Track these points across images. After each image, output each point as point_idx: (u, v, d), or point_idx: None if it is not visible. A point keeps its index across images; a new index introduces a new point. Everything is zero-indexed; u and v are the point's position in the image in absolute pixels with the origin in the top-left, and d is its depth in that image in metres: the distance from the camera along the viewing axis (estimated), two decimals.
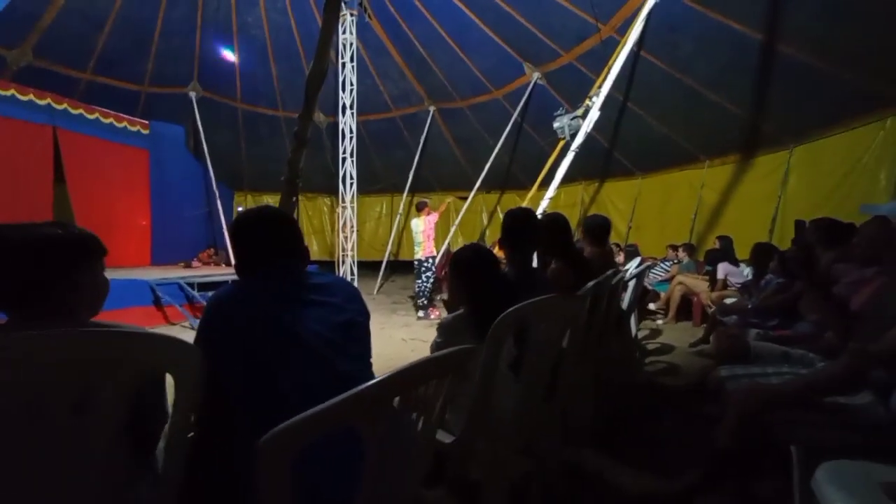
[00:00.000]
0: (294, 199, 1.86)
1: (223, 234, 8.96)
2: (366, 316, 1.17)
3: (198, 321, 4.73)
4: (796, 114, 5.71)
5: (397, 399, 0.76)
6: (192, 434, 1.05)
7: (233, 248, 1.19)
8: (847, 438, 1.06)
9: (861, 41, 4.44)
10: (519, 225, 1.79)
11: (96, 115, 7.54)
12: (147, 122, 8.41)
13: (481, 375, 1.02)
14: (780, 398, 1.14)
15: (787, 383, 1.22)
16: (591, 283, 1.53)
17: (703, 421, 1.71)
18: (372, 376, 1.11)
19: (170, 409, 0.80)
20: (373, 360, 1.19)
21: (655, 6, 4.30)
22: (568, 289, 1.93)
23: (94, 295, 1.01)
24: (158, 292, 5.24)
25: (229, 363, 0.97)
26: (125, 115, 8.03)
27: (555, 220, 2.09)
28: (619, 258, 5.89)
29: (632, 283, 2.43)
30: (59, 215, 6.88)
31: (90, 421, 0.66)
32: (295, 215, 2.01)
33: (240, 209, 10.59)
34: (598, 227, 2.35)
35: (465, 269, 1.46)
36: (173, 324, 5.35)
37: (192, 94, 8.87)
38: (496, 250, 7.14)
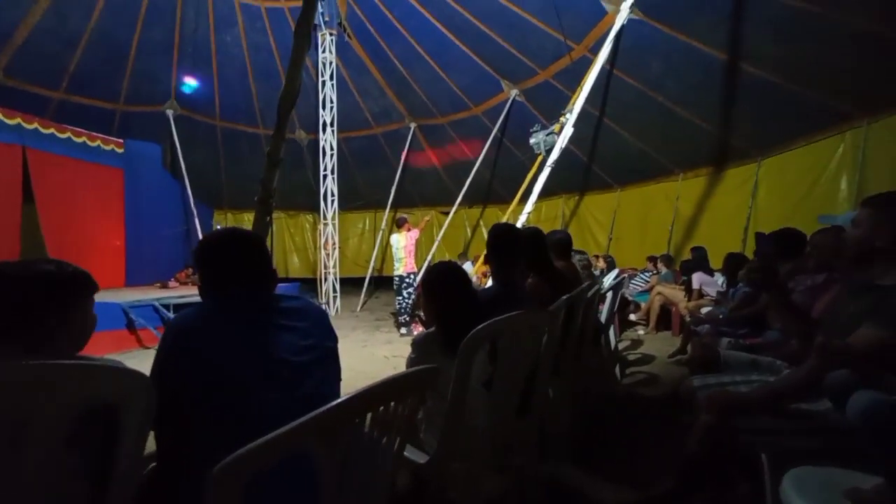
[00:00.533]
0: (268, 218, 1.84)
1: None
2: (334, 340, 1.15)
3: None
4: (762, 128, 5.98)
5: (368, 419, 0.75)
6: (151, 466, 1.01)
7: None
8: (811, 444, 1.08)
9: (817, 61, 4.70)
10: (502, 240, 1.80)
11: (68, 134, 7.37)
12: (121, 140, 8.26)
13: (453, 392, 1.01)
14: (746, 405, 1.16)
15: (752, 390, 1.24)
16: (563, 297, 1.55)
17: (678, 430, 1.72)
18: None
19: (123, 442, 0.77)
20: (355, 378, 1.17)
21: (625, 28, 4.47)
22: (544, 303, 1.96)
23: (81, 330, 1.01)
24: (132, 315, 5.07)
25: (190, 390, 0.93)
26: (98, 134, 7.87)
27: (532, 235, 2.12)
28: (600, 264, 5.97)
29: (609, 295, 2.46)
30: (28, 237, 6.65)
31: (26, 453, 0.63)
32: (270, 235, 1.99)
33: (218, 227, 10.41)
34: (560, 243, 2.39)
35: (434, 286, 1.46)
36: (147, 347, 5.17)
37: (170, 112, 8.78)
38: (478, 265, 7.18)
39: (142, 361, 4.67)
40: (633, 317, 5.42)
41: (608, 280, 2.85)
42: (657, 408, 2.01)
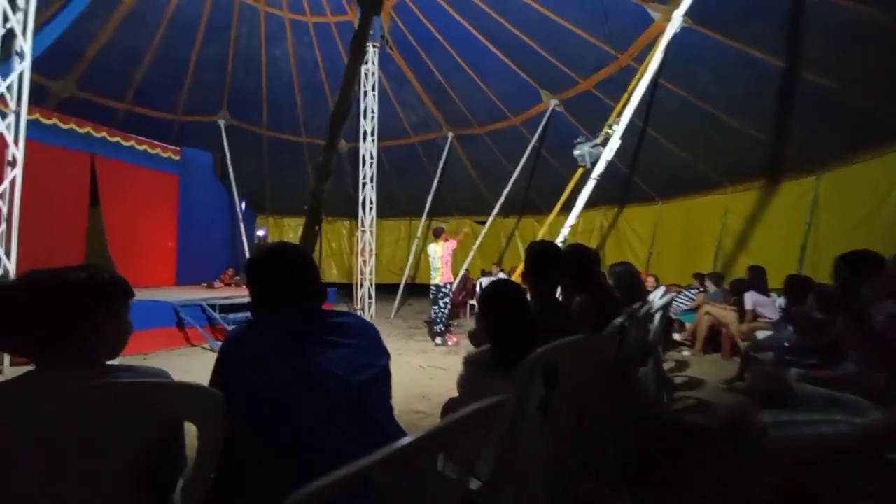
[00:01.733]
0: (317, 228, 1.88)
1: (245, 255, 9.18)
2: (387, 357, 1.14)
3: (218, 343, 4.72)
4: (821, 140, 5.60)
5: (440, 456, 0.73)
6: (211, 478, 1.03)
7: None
8: None
9: (882, 69, 4.37)
10: (542, 258, 1.77)
11: (132, 142, 7.93)
12: (178, 148, 8.80)
13: (509, 419, 0.98)
14: (832, 450, 1.05)
15: (838, 434, 1.12)
16: (618, 320, 1.48)
17: (736, 466, 1.60)
18: (392, 419, 1.08)
19: (187, 455, 0.79)
20: (392, 387, 1.16)
21: (674, 36, 4.33)
22: (591, 324, 1.89)
23: (117, 339, 1.01)
24: (182, 314, 5.34)
25: (245, 408, 0.93)
26: (158, 142, 8.43)
27: (577, 252, 2.06)
28: (650, 281, 5.72)
29: (658, 315, 2.35)
30: (93, 237, 7.17)
31: (107, 465, 0.65)
32: (318, 244, 2.02)
33: (259, 233, 10.84)
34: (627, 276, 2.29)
35: (490, 303, 1.45)
36: (194, 345, 5.41)
37: (221, 122, 9.28)
38: (515, 276, 7.07)
39: (189, 359, 4.92)
40: (677, 336, 5.15)
41: (657, 297, 2.72)
42: (710, 438, 1.88)
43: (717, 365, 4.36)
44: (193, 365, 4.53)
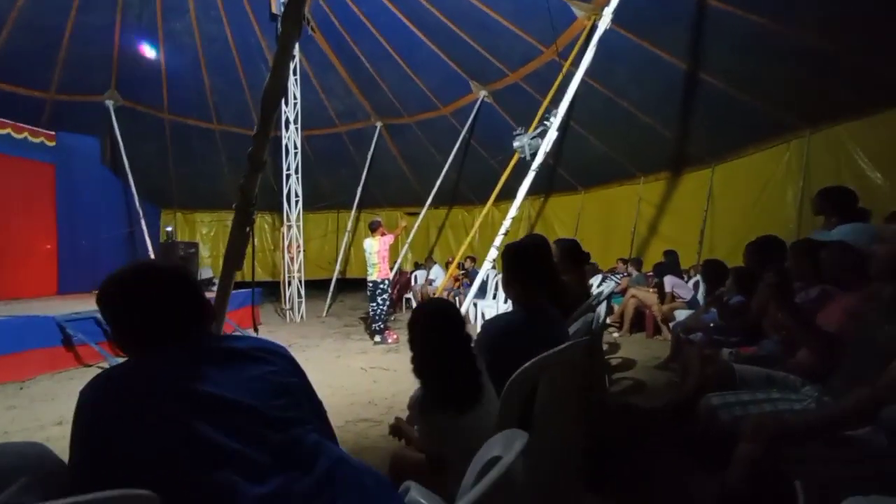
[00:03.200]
0: (248, 229, 1.63)
1: (148, 256, 8.09)
2: (301, 375, 0.96)
3: (118, 361, 4.11)
4: (716, 136, 6.32)
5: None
6: None
7: (112, 322, 0.90)
8: (857, 473, 1.07)
9: (767, 74, 5.00)
10: (523, 261, 1.61)
11: None
12: (53, 133, 7.42)
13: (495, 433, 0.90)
14: (798, 433, 1.13)
15: (802, 416, 1.21)
16: (583, 319, 1.47)
17: (688, 448, 1.70)
18: (323, 442, 0.91)
19: None
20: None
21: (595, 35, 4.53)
22: None
23: None
24: (69, 329, 4.51)
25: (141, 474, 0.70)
26: (26, 126, 7.03)
27: (535, 245, 2.01)
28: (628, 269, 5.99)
29: (602, 304, 2.44)
30: None
31: None
32: (251, 245, 1.76)
33: (168, 229, 9.65)
34: (570, 251, 2.30)
35: (422, 333, 1.28)
36: (88, 365, 4.63)
37: (110, 103, 8.00)
38: (451, 269, 7.06)
39: (81, 383, 4.11)
40: (606, 319, 5.53)
41: (595, 286, 2.83)
42: (658, 421, 2.00)
43: (643, 344, 4.74)
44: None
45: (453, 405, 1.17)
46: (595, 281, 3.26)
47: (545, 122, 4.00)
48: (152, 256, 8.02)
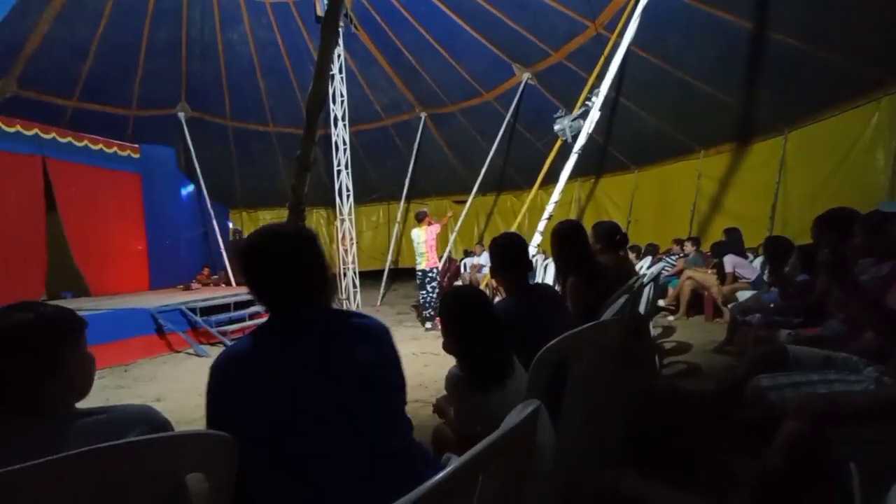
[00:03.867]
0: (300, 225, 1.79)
1: (220, 252, 8.88)
2: (395, 365, 1.06)
3: (203, 348, 4.55)
4: (788, 100, 5.72)
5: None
6: None
7: (247, 281, 1.00)
8: None
9: (847, 25, 4.44)
10: (504, 252, 1.75)
11: (85, 142, 7.44)
12: (137, 145, 8.32)
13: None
14: (848, 413, 1.08)
15: (855, 396, 1.15)
16: (620, 301, 1.47)
17: (738, 431, 1.65)
18: (411, 440, 1.03)
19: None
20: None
21: (648, 2, 4.27)
22: (585, 305, 1.89)
23: (79, 378, 0.90)
24: (160, 320, 5.14)
25: (249, 439, 0.84)
26: (115, 141, 7.94)
27: (566, 231, 2.03)
28: (688, 248, 5.73)
29: (649, 286, 2.38)
30: (54, 244, 6.78)
31: None
32: None
33: (230, 224, 10.48)
34: (606, 234, 2.28)
35: (451, 320, 1.36)
36: (177, 351, 5.25)
37: (181, 115, 8.79)
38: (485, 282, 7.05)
39: (174, 367, 4.78)
40: (661, 302, 5.29)
41: (645, 267, 2.74)
42: (708, 404, 1.94)
43: (701, 327, 4.51)
44: (179, 373, 4.40)
45: (482, 384, 1.24)
46: (645, 263, 3.14)
47: (587, 103, 3.86)
48: (224, 253, 8.79)
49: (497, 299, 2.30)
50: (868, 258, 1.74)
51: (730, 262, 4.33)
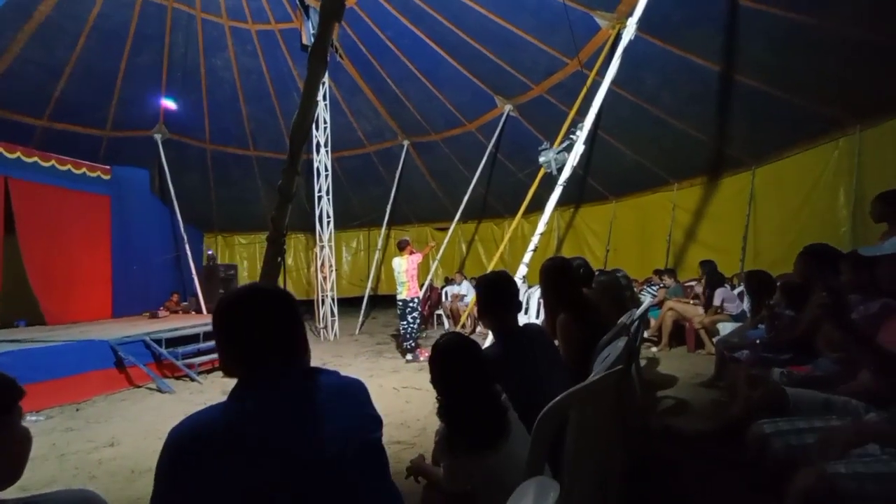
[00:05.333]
0: (280, 259, 1.69)
1: (192, 278, 8.53)
2: (381, 426, 0.99)
3: (166, 383, 4.24)
4: (756, 138, 6.03)
5: None
6: None
7: (217, 340, 0.94)
8: None
9: (808, 69, 4.75)
10: (491, 293, 1.67)
11: (52, 162, 7.13)
12: (108, 167, 8.03)
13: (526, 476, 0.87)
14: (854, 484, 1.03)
15: (865, 476, 1.08)
16: (618, 345, 1.41)
17: (740, 477, 1.59)
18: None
19: None
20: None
21: (620, 43, 4.47)
22: (577, 342, 1.83)
23: (8, 461, 0.77)
24: (120, 352, 4.79)
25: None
26: (84, 161, 7.63)
27: (555, 268, 1.98)
28: (667, 280, 5.77)
29: (639, 321, 2.34)
30: (9, 270, 6.36)
31: None
32: (282, 273, 1.83)
33: (209, 252, 10.15)
34: (574, 268, 2.22)
35: (443, 373, 1.27)
36: (138, 386, 4.88)
37: (158, 137, 8.59)
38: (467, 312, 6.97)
39: (134, 403, 4.43)
40: (644, 333, 5.31)
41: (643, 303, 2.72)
42: (705, 446, 1.88)
43: (685, 359, 4.51)
44: (139, 411, 4.05)
45: (479, 445, 1.15)
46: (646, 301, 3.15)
47: (571, 136, 3.95)
48: (196, 279, 8.44)
49: (479, 329, 2.21)
50: (854, 295, 1.76)
51: (720, 295, 4.39)
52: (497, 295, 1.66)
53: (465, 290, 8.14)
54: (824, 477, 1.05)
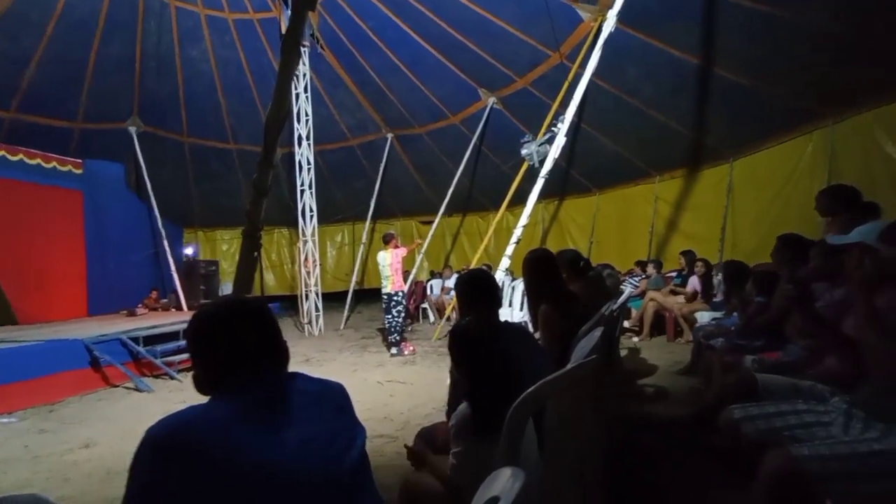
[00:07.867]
0: (256, 254, 1.66)
1: (171, 274, 8.33)
2: (362, 433, 0.96)
3: (145, 382, 4.15)
4: (733, 130, 6.14)
5: None
6: None
7: (195, 356, 0.92)
8: (885, 487, 1.00)
9: (783, 62, 4.84)
10: (470, 290, 1.69)
11: (20, 156, 6.85)
12: (80, 161, 7.75)
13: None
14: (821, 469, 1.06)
15: (828, 457, 1.11)
16: (594, 335, 1.43)
17: (713, 461, 1.63)
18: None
19: None
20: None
21: (602, 35, 4.49)
22: (558, 332, 1.85)
23: None
24: (96, 352, 4.66)
25: None
26: (54, 155, 7.36)
27: (538, 259, 2.00)
28: (650, 270, 5.81)
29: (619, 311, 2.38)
30: None
31: None
32: (259, 268, 1.78)
33: (188, 251, 9.92)
34: (571, 262, 2.28)
35: (463, 354, 1.25)
36: (115, 385, 4.76)
37: (133, 130, 8.32)
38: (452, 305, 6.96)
39: (111, 404, 4.33)
40: (625, 323, 5.40)
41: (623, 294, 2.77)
42: (682, 432, 1.93)
43: (665, 348, 4.60)
44: (116, 412, 3.96)
45: (494, 431, 1.13)
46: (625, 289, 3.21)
47: (553, 129, 3.96)
48: (175, 275, 8.25)
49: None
50: (822, 282, 1.81)
51: (692, 283, 4.49)
52: (477, 292, 1.67)
53: (451, 284, 8.16)
54: (790, 458, 1.09)
